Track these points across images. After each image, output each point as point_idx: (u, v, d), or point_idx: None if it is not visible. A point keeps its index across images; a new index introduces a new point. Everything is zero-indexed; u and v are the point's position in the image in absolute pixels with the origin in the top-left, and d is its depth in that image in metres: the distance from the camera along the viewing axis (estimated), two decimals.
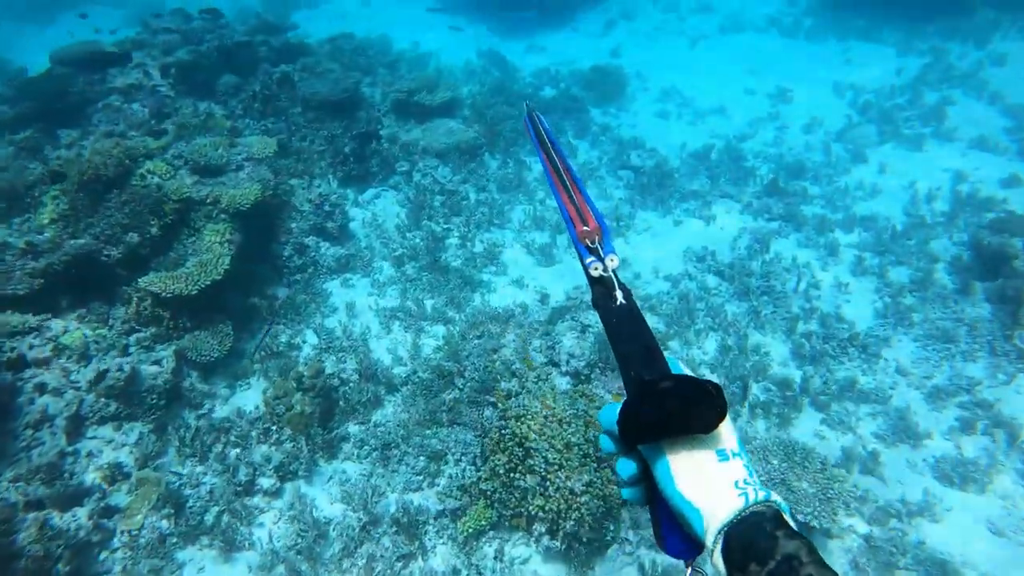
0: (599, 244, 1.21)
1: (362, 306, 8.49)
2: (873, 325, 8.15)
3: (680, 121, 13.44)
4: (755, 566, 0.81)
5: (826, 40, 16.11)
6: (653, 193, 11.04)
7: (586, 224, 1.22)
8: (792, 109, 13.41)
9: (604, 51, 16.68)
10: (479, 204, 10.48)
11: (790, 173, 11.53)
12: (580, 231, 1.22)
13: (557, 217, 10.30)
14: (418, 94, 11.76)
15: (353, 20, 19.88)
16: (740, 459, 0.96)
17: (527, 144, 12.22)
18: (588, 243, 1.21)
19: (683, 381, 0.99)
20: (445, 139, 11.26)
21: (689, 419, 0.94)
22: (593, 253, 1.21)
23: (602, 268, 1.19)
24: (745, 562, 0.83)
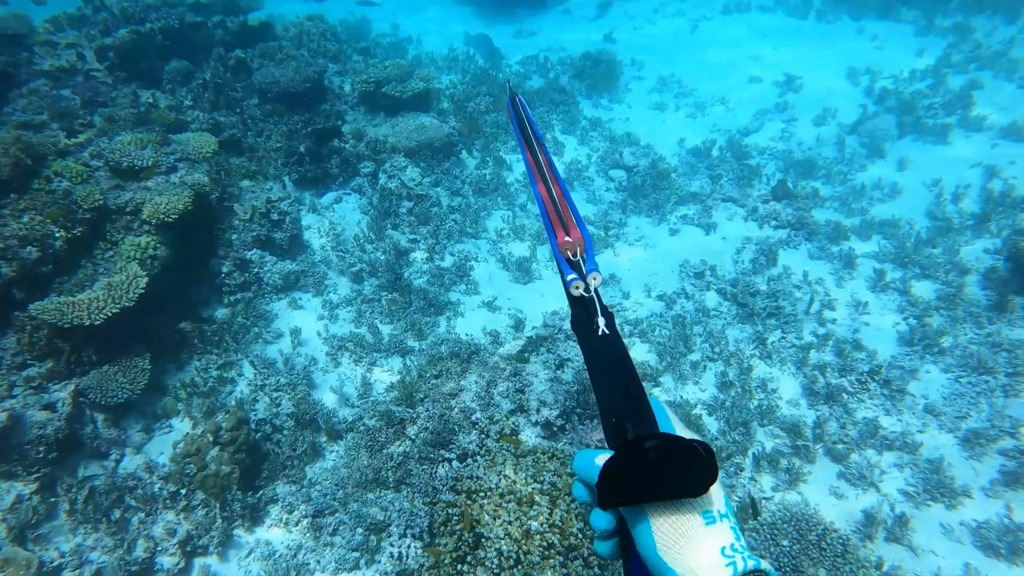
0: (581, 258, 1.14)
1: (309, 332, 7.42)
2: (897, 353, 7.04)
3: (678, 113, 12.24)
4: None
5: (839, 19, 14.83)
6: (647, 196, 9.90)
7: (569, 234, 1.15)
8: (802, 98, 12.20)
9: (597, 35, 15.43)
10: (451, 211, 9.36)
11: (800, 171, 10.37)
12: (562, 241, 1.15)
13: (538, 225, 9.19)
14: (387, 85, 10.59)
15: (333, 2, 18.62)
16: (727, 520, 0.87)
17: (509, 140, 11.09)
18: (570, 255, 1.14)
19: (671, 444, 0.88)
20: (416, 136, 10.11)
21: (677, 485, 0.86)
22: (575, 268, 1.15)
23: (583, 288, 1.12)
24: None
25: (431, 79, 11.13)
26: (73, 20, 10.82)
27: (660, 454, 0.87)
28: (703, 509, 0.87)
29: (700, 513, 0.86)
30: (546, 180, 1.25)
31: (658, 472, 0.87)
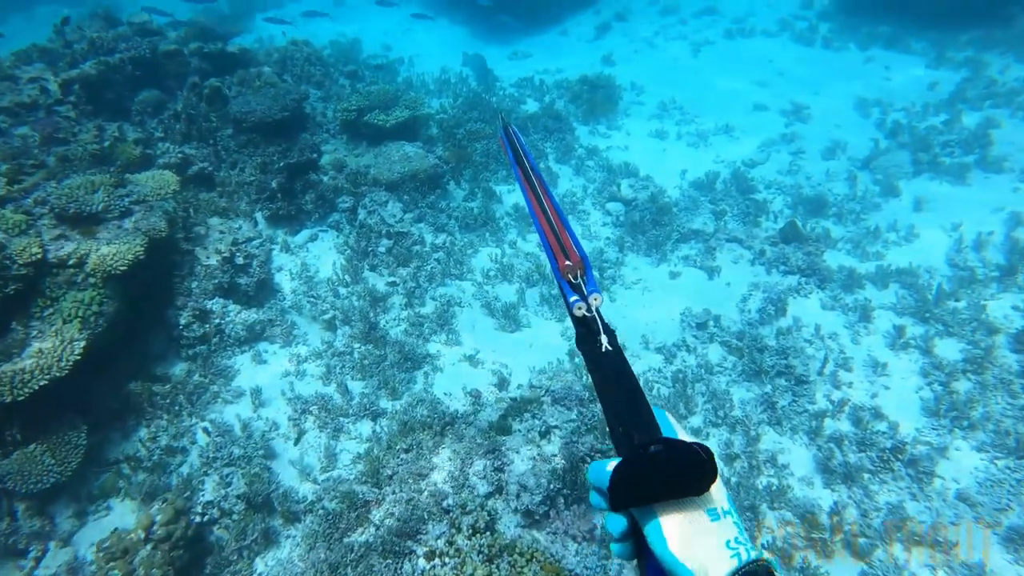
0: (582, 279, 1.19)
1: (273, 391, 6.73)
2: (922, 426, 6.35)
3: (680, 142, 11.63)
4: None
5: (846, 48, 14.28)
6: (646, 233, 9.25)
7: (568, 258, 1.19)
8: (809, 129, 11.59)
9: (595, 58, 14.87)
10: (435, 249, 8.70)
11: (809, 208, 9.72)
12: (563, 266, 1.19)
13: (528, 266, 8.54)
14: (369, 113, 9.97)
15: (322, 23, 18.11)
16: (731, 517, 0.95)
17: (500, 170, 10.46)
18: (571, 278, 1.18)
19: (674, 447, 0.98)
20: (399, 167, 9.48)
21: (681, 485, 0.95)
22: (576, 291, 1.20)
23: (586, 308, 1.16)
24: None
25: (418, 106, 10.51)
26: (43, 53, 10.22)
27: (664, 457, 0.96)
28: (707, 507, 0.95)
29: (705, 511, 0.94)
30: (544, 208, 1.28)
31: (663, 474, 0.95)
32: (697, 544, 0.91)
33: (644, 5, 17.25)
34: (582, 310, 1.17)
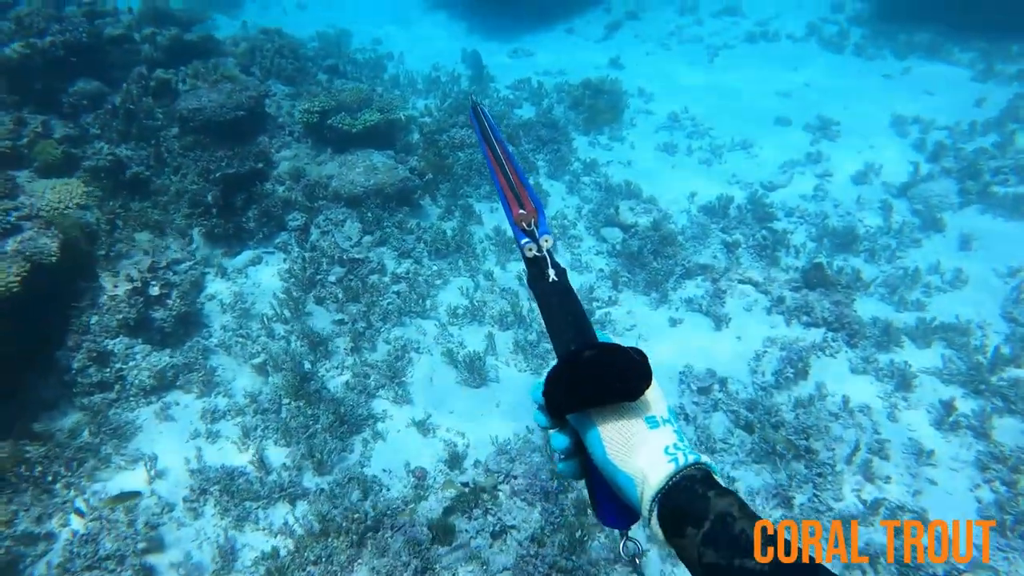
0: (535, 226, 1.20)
1: (175, 457, 5.51)
2: (978, 540, 5.02)
3: (690, 158, 10.28)
4: (691, 529, 0.82)
5: (880, 57, 12.84)
6: (646, 266, 7.94)
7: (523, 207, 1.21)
8: (838, 149, 10.21)
9: (602, 59, 13.53)
10: (396, 279, 7.45)
11: (836, 242, 8.37)
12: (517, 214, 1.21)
13: (503, 305, 7.26)
14: (334, 116, 8.71)
15: (313, 11, 16.89)
16: (670, 425, 0.95)
17: (483, 184, 9.19)
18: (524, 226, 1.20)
19: (607, 349, 0.97)
20: (363, 180, 8.23)
21: (614, 386, 0.94)
22: (529, 236, 1.21)
23: (536, 249, 1.18)
24: (682, 527, 0.83)
25: (392, 108, 9.24)
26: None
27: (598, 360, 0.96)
28: (646, 415, 0.96)
29: (644, 419, 0.95)
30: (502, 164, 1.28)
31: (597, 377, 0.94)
32: (635, 451, 0.91)
33: (659, 3, 15.87)
34: (532, 251, 1.19)
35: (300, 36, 13.90)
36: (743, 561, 0.76)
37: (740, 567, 0.76)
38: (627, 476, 0.90)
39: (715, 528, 0.80)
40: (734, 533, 0.79)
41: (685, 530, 0.83)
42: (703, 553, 0.80)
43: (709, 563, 0.80)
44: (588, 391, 0.95)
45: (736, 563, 0.77)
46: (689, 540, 0.82)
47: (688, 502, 0.84)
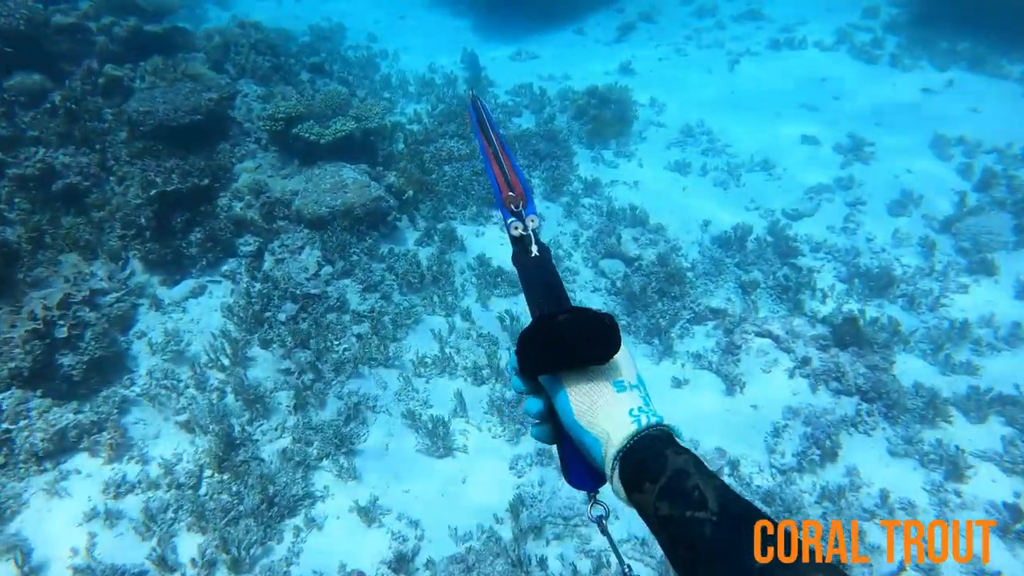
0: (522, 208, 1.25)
1: (58, 550, 4.53)
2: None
3: (705, 180, 9.18)
4: (649, 484, 0.84)
5: (918, 68, 11.64)
6: (649, 308, 6.90)
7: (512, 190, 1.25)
8: (872, 173, 9.07)
9: (613, 64, 12.43)
10: (358, 319, 6.44)
11: (870, 285, 7.27)
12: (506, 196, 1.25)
13: (479, 354, 6.23)
14: (300, 123, 7.71)
15: (309, 3, 15.91)
16: (637, 390, 0.97)
17: (470, 204, 8.18)
18: (512, 207, 1.24)
19: (578, 313, 0.99)
20: (330, 198, 7.22)
21: (583, 349, 0.96)
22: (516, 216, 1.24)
23: (522, 228, 1.22)
24: (640, 482, 0.85)
25: (370, 116, 8.21)
26: None
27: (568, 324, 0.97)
28: (614, 379, 0.97)
29: (611, 383, 0.97)
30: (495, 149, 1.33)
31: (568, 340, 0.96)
32: (601, 412, 0.93)
33: (676, 5, 14.73)
34: (519, 230, 1.22)
35: (293, 29, 12.97)
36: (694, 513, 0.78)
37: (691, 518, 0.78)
38: (593, 437, 0.93)
39: (670, 483, 0.82)
40: (687, 488, 0.81)
41: (643, 486, 0.84)
42: (658, 507, 0.82)
43: (663, 516, 0.82)
44: (558, 353, 0.97)
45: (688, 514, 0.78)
46: (646, 495, 0.84)
47: (647, 459, 0.86)
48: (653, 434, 0.89)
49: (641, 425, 0.89)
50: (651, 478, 0.84)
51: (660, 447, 0.87)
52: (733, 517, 0.76)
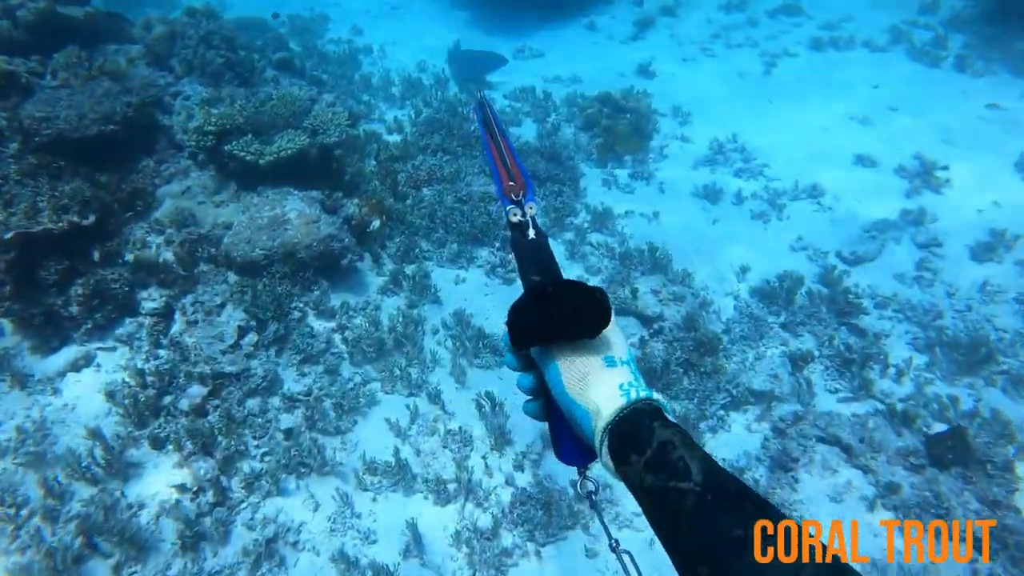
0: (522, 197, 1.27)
1: None
2: None
3: (740, 210, 7.54)
4: (635, 456, 0.85)
5: (991, 72, 9.90)
6: (672, 387, 5.31)
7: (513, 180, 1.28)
8: (946, 204, 7.40)
9: (629, 65, 10.78)
10: (289, 406, 4.90)
11: (954, 358, 5.64)
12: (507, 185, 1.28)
13: (446, 460, 4.66)
14: (233, 139, 6.14)
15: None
16: (627, 367, 0.98)
17: (450, 240, 6.60)
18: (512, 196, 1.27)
19: (569, 285, 1.00)
20: (264, 238, 5.67)
21: (574, 321, 0.97)
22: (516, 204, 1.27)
23: (520, 214, 1.25)
24: (626, 454, 0.86)
25: (328, 128, 6.63)
26: None
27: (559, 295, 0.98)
28: (604, 354, 0.98)
29: (602, 357, 0.97)
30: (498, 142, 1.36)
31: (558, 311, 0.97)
32: (592, 385, 0.94)
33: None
34: (517, 216, 1.24)
35: (270, 20, 11.41)
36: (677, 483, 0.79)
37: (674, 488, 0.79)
38: (583, 409, 0.94)
39: (656, 455, 0.83)
40: (672, 459, 0.82)
41: (630, 457, 0.86)
42: (644, 478, 0.84)
43: (648, 487, 0.83)
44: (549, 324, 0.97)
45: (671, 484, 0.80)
46: (633, 467, 0.85)
47: (634, 432, 0.87)
48: (642, 408, 0.89)
49: (630, 399, 0.90)
50: (638, 450, 0.85)
51: (648, 420, 0.88)
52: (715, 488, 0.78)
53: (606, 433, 0.89)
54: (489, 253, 6.54)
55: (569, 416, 0.97)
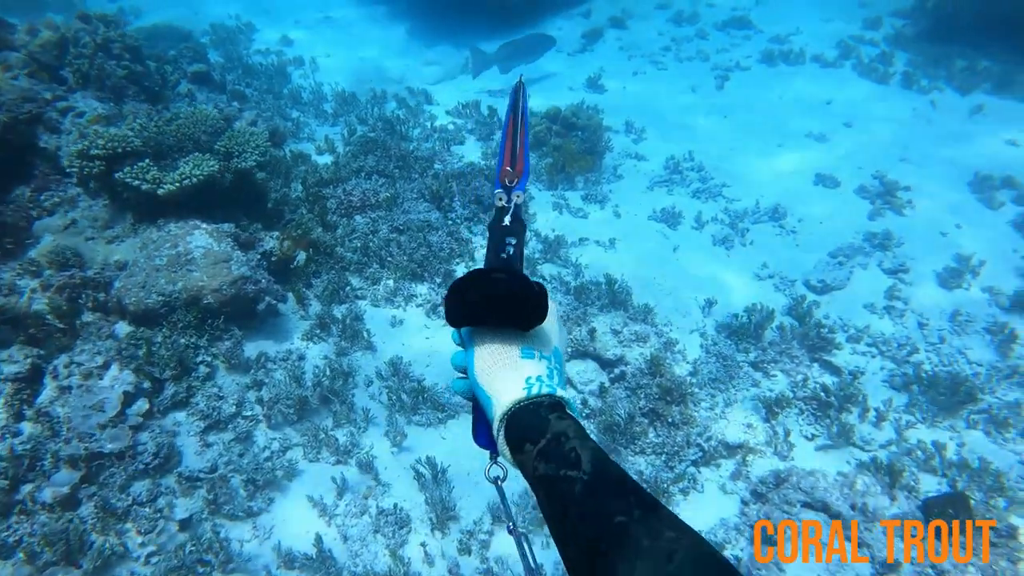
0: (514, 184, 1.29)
1: None
2: None
3: (700, 235, 7.07)
4: (529, 445, 0.87)
5: (936, 89, 9.81)
6: (638, 440, 4.73)
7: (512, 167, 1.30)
8: (910, 226, 7.12)
9: (578, 78, 10.30)
10: (187, 487, 4.07)
11: (933, 396, 5.26)
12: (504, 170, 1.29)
13: (378, 550, 3.91)
14: (130, 164, 5.25)
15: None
16: (547, 362, 0.99)
17: (383, 276, 5.86)
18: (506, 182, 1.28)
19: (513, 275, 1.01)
20: (163, 282, 4.81)
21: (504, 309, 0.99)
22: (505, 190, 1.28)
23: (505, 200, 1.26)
24: (521, 443, 0.89)
25: (244, 151, 5.82)
26: None
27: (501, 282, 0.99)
28: (525, 345, 1.00)
29: (520, 347, 0.99)
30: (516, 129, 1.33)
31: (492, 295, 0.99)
32: (498, 373, 0.96)
33: (650, 8, 12.69)
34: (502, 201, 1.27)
35: (190, 28, 10.44)
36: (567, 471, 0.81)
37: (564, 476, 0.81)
38: (487, 395, 0.95)
39: (549, 445, 0.85)
40: (564, 450, 0.83)
41: (524, 446, 0.88)
42: (536, 467, 0.85)
43: (541, 475, 0.84)
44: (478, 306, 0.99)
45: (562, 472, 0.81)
46: (527, 455, 0.87)
47: (531, 423, 0.89)
48: (541, 401, 0.91)
49: (531, 393, 0.91)
50: (532, 440, 0.87)
51: (545, 412, 0.89)
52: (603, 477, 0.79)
53: (503, 422, 0.92)
54: (429, 289, 5.83)
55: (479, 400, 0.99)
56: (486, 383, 0.96)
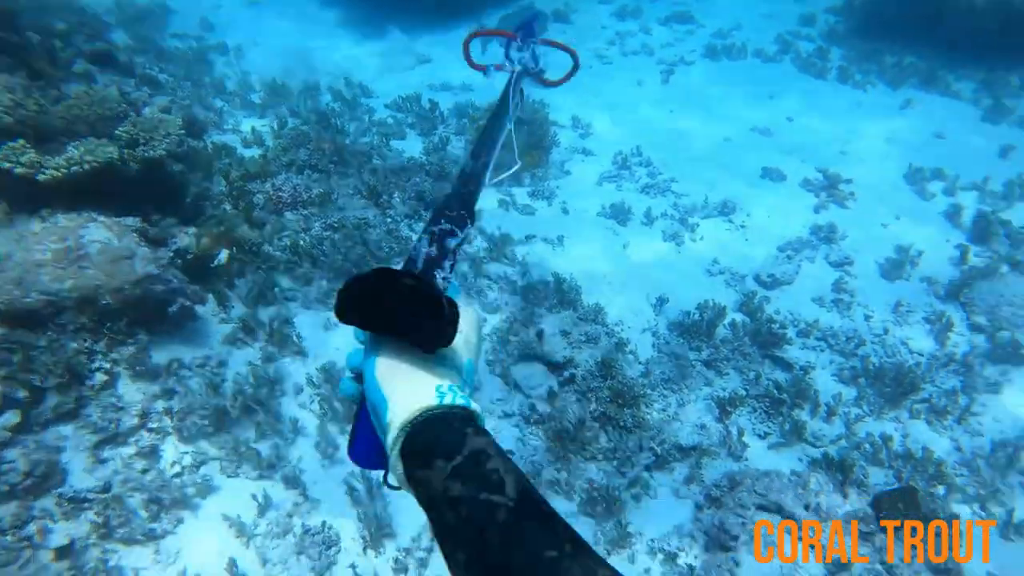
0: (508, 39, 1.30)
1: None
2: None
3: (650, 231, 6.89)
4: (441, 462, 0.76)
5: (870, 84, 10.00)
6: (588, 447, 4.48)
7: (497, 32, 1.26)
8: (853, 220, 7.16)
9: None
10: (71, 510, 3.55)
11: (880, 389, 5.25)
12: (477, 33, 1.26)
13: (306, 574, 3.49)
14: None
15: None
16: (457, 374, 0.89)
17: (317, 277, 5.42)
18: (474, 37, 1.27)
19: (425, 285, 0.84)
20: (46, 279, 4.25)
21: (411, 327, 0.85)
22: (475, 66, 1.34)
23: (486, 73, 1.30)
24: (430, 458, 0.77)
25: (154, 139, 5.25)
26: None
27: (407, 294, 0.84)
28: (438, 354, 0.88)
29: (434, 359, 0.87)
30: None
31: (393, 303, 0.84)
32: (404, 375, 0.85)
33: (593, 3, 12.54)
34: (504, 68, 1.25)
35: (93, 5, 9.54)
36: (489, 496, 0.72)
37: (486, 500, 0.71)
38: (382, 395, 0.83)
39: (467, 463, 0.75)
40: (485, 470, 0.74)
41: (434, 462, 0.76)
42: (449, 487, 0.74)
43: (454, 496, 0.73)
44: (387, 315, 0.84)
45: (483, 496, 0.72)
46: (436, 472, 0.75)
47: (442, 435, 0.78)
48: (455, 412, 0.80)
49: (443, 402, 0.80)
50: (445, 455, 0.75)
51: (460, 425, 0.79)
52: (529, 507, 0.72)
53: (403, 431, 0.79)
54: None
55: (371, 406, 0.86)
56: (387, 386, 0.84)
